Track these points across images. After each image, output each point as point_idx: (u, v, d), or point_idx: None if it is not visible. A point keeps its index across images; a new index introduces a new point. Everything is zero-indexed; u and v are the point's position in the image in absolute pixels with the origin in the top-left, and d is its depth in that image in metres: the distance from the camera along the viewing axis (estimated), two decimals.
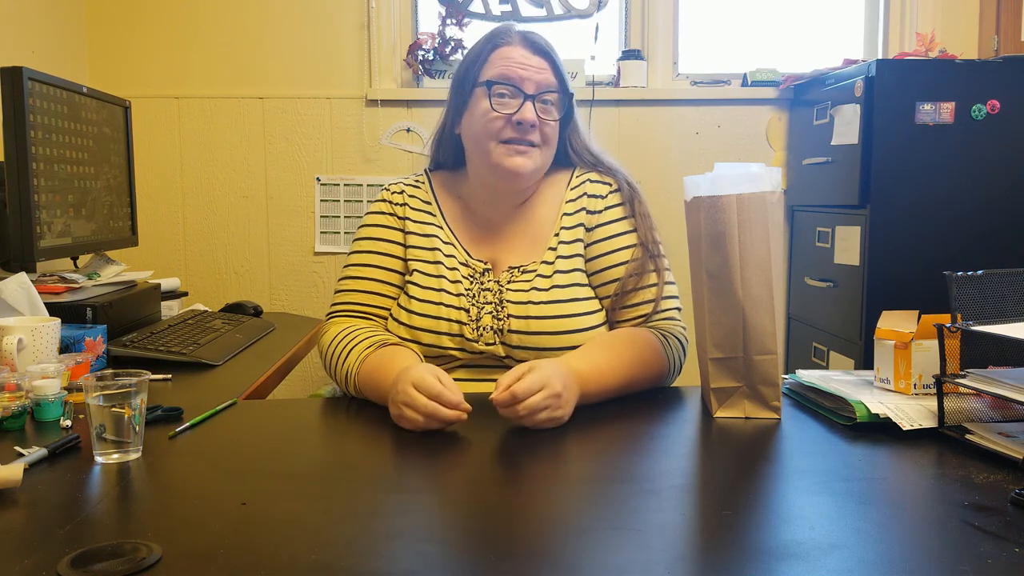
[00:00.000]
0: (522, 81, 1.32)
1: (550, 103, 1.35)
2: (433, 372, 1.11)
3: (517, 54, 1.34)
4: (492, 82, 1.33)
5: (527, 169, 1.34)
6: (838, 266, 2.33)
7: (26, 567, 0.70)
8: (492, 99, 1.33)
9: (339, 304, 1.40)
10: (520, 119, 1.32)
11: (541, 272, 1.36)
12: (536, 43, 1.36)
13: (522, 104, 1.32)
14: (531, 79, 1.33)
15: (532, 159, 1.34)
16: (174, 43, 2.64)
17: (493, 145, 1.34)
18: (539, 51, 1.36)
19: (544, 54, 1.36)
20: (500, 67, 1.34)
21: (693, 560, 0.73)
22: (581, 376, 1.18)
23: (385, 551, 0.74)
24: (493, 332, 1.31)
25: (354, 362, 1.26)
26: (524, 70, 1.33)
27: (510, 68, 1.33)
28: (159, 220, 2.68)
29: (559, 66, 1.36)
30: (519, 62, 1.33)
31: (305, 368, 2.66)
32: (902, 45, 2.68)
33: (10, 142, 1.57)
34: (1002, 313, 1.07)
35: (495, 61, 1.35)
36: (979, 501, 0.84)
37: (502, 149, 1.33)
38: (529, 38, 1.37)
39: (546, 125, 1.35)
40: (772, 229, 1.13)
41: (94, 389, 0.98)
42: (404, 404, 1.09)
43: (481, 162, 1.37)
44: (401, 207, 1.43)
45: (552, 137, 1.37)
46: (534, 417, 1.09)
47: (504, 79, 1.33)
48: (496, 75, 1.33)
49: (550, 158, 1.39)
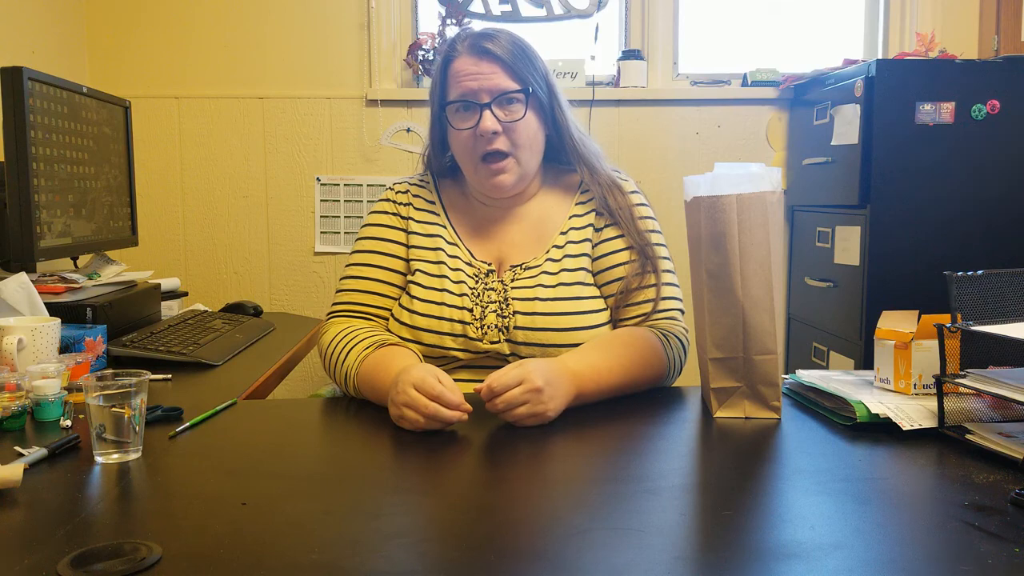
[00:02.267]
0: (474, 93, 1.32)
1: (515, 101, 1.33)
2: (433, 372, 1.11)
3: (466, 65, 1.33)
4: (447, 103, 1.34)
5: (508, 184, 1.35)
6: (838, 266, 2.33)
7: (26, 567, 0.70)
8: (455, 119, 1.34)
9: (340, 304, 1.40)
10: (481, 131, 1.31)
11: (547, 269, 1.35)
12: (482, 47, 1.33)
13: (480, 116, 1.31)
14: (482, 88, 1.31)
15: (510, 172, 1.35)
16: (174, 43, 2.64)
17: (474, 166, 1.35)
18: (486, 54, 1.32)
19: (492, 56, 1.32)
20: (454, 85, 1.34)
21: (693, 560, 0.73)
22: (577, 376, 1.18)
23: (385, 551, 0.74)
24: (498, 330, 1.31)
25: (353, 362, 1.26)
26: (474, 80, 1.32)
27: (461, 83, 1.32)
28: (159, 220, 2.68)
29: (514, 64, 1.32)
30: (469, 73, 1.32)
31: (305, 368, 2.67)
32: (902, 45, 2.68)
33: (10, 142, 1.57)
34: (1002, 313, 1.07)
35: (451, 79, 1.35)
36: (979, 501, 0.84)
37: (482, 170, 1.35)
38: (477, 45, 1.33)
39: (511, 129, 1.33)
40: (772, 229, 1.12)
41: (94, 389, 0.98)
42: (405, 405, 1.09)
43: (470, 180, 1.40)
44: (405, 207, 1.43)
45: (525, 136, 1.34)
46: (513, 412, 1.09)
47: (459, 96, 1.33)
48: (454, 95, 1.33)
49: (533, 158, 1.38)
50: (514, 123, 1.33)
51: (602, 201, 1.39)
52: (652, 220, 1.42)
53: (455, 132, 1.35)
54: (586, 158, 1.41)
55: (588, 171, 1.41)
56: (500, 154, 1.33)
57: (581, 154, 1.41)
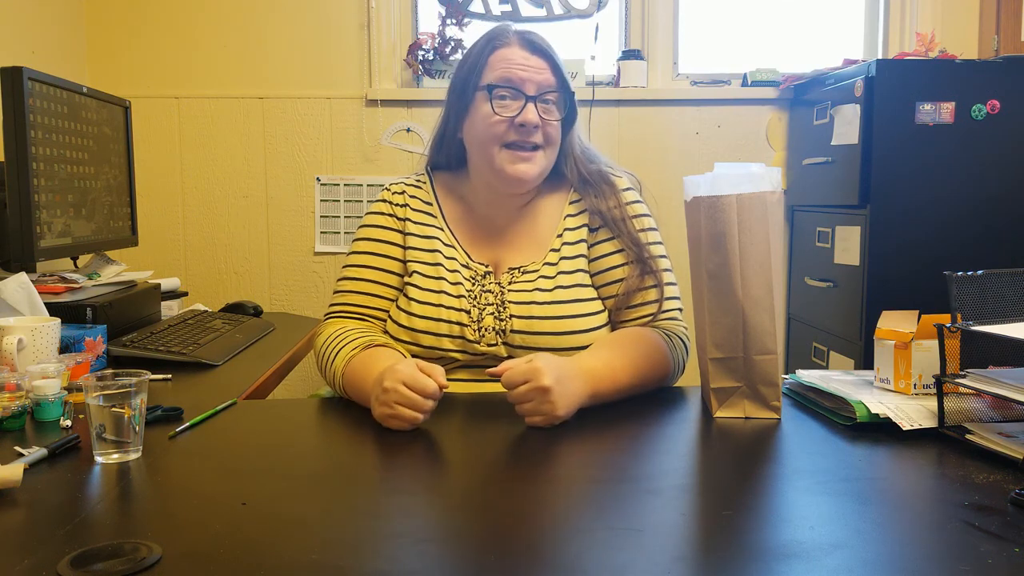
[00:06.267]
0: (522, 83, 1.32)
1: (551, 103, 1.34)
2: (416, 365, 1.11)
3: (516, 55, 1.34)
4: (493, 86, 1.32)
5: (531, 175, 1.34)
6: (838, 266, 2.33)
7: (26, 567, 0.70)
8: (494, 103, 1.32)
9: (336, 305, 1.40)
10: (523, 121, 1.31)
11: (544, 273, 1.35)
12: (535, 43, 1.35)
13: (524, 106, 1.31)
14: (531, 80, 1.32)
15: (535, 164, 1.34)
16: (174, 43, 2.64)
17: (497, 150, 1.33)
18: (538, 51, 1.35)
19: (543, 53, 1.35)
20: (500, 70, 1.33)
21: (693, 560, 0.73)
22: (593, 374, 1.18)
23: (385, 551, 0.74)
24: (495, 333, 1.31)
25: (341, 364, 1.26)
26: (524, 71, 1.32)
27: (510, 70, 1.32)
28: (159, 220, 2.68)
29: (559, 65, 1.35)
30: (519, 63, 1.33)
31: (305, 368, 2.66)
32: (902, 45, 2.68)
33: (10, 142, 1.57)
34: (1002, 313, 1.07)
35: (494, 64, 1.34)
36: (979, 501, 0.84)
37: (506, 155, 1.33)
38: (527, 38, 1.36)
39: (548, 125, 1.34)
40: (772, 229, 1.12)
41: (94, 389, 0.97)
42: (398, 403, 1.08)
43: (485, 166, 1.36)
44: (401, 208, 1.42)
45: (555, 137, 1.36)
46: (519, 408, 1.11)
47: (505, 82, 1.32)
48: (496, 78, 1.32)
49: (553, 158, 1.39)
50: (552, 121, 1.34)
51: (593, 204, 1.39)
52: (648, 217, 1.41)
53: (485, 116, 1.33)
54: (579, 160, 1.42)
55: (580, 170, 1.41)
56: (532, 145, 1.34)
57: (576, 157, 1.41)
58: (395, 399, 1.08)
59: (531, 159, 1.34)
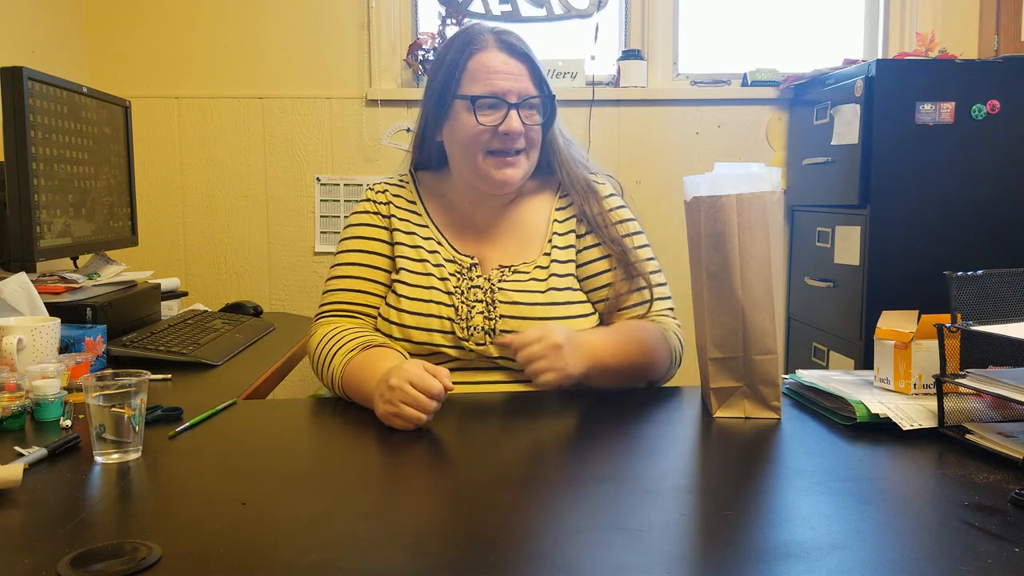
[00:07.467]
0: (505, 92, 1.31)
1: (533, 107, 1.34)
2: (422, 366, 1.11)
3: (495, 60, 1.32)
4: (476, 97, 1.31)
5: (516, 178, 1.35)
6: (838, 266, 2.33)
7: (26, 567, 0.70)
8: (477, 113, 1.31)
9: (327, 304, 1.40)
10: (506, 130, 1.31)
11: (536, 275, 1.36)
12: (513, 45, 1.34)
13: (506, 114, 1.31)
14: (513, 88, 1.31)
15: (520, 168, 1.35)
16: (174, 43, 2.64)
17: (481, 157, 1.33)
18: (516, 53, 1.33)
19: (522, 56, 1.34)
20: (482, 81, 1.31)
21: (693, 560, 0.73)
22: (594, 345, 1.24)
23: (385, 551, 0.74)
24: (484, 332, 1.31)
25: (339, 364, 1.26)
26: (505, 80, 1.31)
27: (491, 81, 1.31)
28: (159, 220, 2.68)
29: (537, 66, 1.34)
30: (499, 71, 1.32)
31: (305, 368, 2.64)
32: (902, 45, 2.68)
33: (10, 142, 1.57)
34: (1002, 313, 1.07)
35: (474, 72, 1.32)
36: (979, 501, 0.84)
37: (490, 161, 1.33)
38: (505, 40, 1.34)
39: (531, 130, 1.34)
40: (772, 229, 1.13)
41: (94, 389, 0.97)
42: (403, 402, 1.08)
43: (469, 171, 1.36)
44: (385, 206, 1.42)
45: (537, 140, 1.36)
46: (533, 367, 1.16)
47: (488, 92, 1.31)
48: (480, 91, 1.31)
49: (536, 159, 1.39)
50: (534, 126, 1.34)
51: (579, 209, 1.40)
52: (633, 222, 1.43)
53: (468, 125, 1.32)
54: (566, 164, 1.42)
55: (567, 176, 1.42)
56: (516, 151, 1.34)
57: (562, 160, 1.42)
58: (400, 398, 1.08)
59: (515, 163, 1.34)
